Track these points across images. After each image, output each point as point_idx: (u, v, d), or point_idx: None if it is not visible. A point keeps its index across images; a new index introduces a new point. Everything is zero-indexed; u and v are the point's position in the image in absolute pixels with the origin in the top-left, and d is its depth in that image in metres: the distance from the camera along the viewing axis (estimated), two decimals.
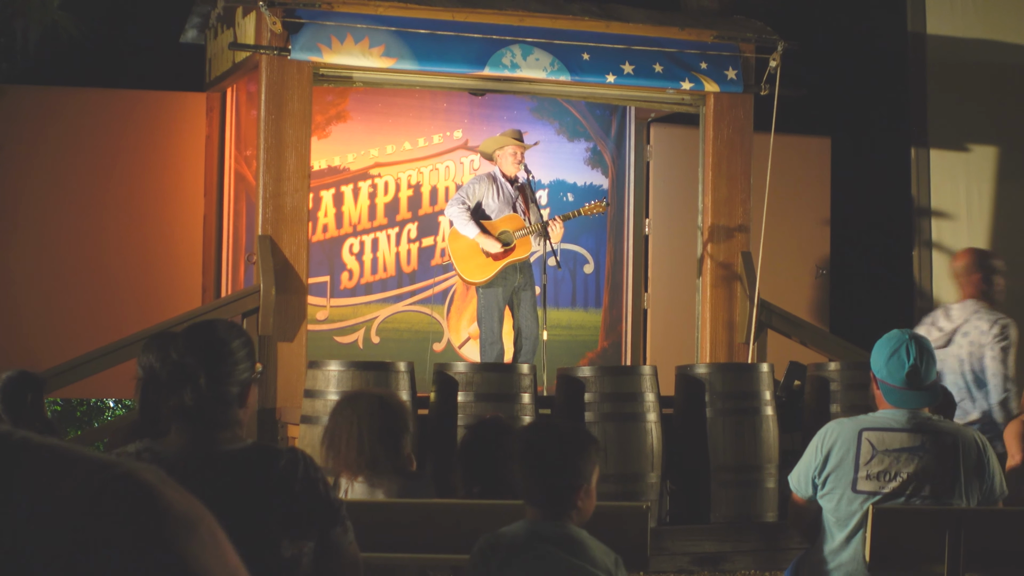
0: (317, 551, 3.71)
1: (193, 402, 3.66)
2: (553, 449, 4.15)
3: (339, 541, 3.75)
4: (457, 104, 12.85)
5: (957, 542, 4.94)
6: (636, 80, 11.37)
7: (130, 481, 1.52)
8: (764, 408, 9.86)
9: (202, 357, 3.69)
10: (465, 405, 9.42)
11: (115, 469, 1.54)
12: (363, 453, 5.66)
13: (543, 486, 4.11)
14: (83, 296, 11.62)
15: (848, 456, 5.23)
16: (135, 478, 1.53)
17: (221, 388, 3.70)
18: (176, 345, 3.71)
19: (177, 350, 3.70)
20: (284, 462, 3.67)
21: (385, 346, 12.48)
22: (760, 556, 9.61)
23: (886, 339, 5.34)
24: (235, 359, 3.74)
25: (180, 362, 3.67)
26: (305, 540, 3.67)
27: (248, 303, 10.36)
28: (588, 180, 13.28)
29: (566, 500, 4.11)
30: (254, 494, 3.62)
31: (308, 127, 10.73)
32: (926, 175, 13.19)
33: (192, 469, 3.64)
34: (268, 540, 3.61)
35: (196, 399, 3.66)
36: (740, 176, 11.70)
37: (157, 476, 1.57)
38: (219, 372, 3.70)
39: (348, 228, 12.57)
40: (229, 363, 3.72)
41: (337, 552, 3.75)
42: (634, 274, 13.40)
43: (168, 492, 1.56)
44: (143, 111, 12.03)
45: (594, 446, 4.27)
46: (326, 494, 3.72)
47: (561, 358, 12.05)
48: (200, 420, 3.68)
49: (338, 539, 3.74)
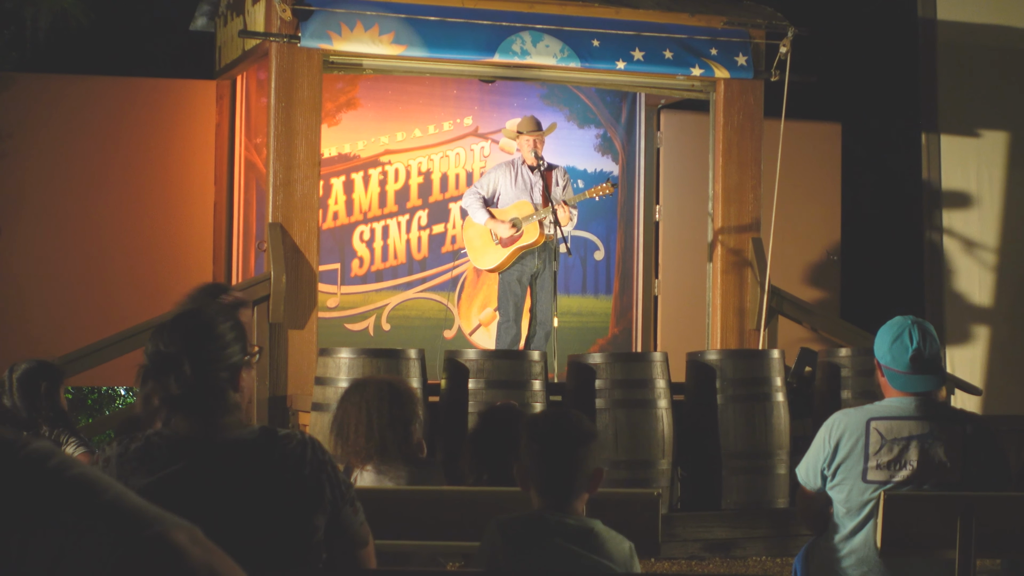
0: (328, 532, 3.72)
1: (179, 389, 3.64)
2: (563, 436, 4.14)
3: (350, 520, 3.75)
4: (467, 91, 12.84)
5: (968, 527, 4.93)
6: (646, 66, 11.36)
7: (161, 545, 1.51)
8: (775, 394, 9.85)
9: (185, 344, 3.67)
10: (476, 392, 9.42)
11: (147, 529, 1.52)
12: (372, 440, 5.65)
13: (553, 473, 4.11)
14: (93, 284, 11.63)
15: (857, 447, 5.21)
16: (166, 541, 1.51)
17: (209, 374, 3.68)
18: (162, 333, 3.70)
19: (163, 338, 3.69)
20: (292, 445, 3.67)
21: (396, 333, 12.49)
22: (771, 542, 9.61)
23: (889, 325, 5.33)
24: (221, 343, 3.70)
25: (164, 351, 3.66)
26: (315, 522, 3.67)
27: (259, 291, 10.37)
28: (598, 166, 13.27)
29: (577, 487, 4.10)
30: (263, 479, 3.63)
31: (318, 114, 10.73)
32: (937, 161, 13.17)
33: (200, 455, 3.64)
34: (278, 524, 3.61)
35: (182, 386, 3.64)
36: (750, 162, 11.69)
37: (189, 536, 1.55)
38: (204, 358, 3.67)
39: (358, 215, 12.57)
40: (214, 348, 3.69)
41: (348, 532, 3.76)
42: (644, 261, 13.40)
43: (198, 554, 1.54)
44: (153, 99, 12.03)
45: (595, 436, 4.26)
46: (335, 475, 3.72)
47: (572, 345, 12.06)
48: (192, 407, 3.67)
49: (349, 519, 3.75)
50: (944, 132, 13.18)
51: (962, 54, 13.26)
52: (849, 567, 5.23)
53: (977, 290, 13.14)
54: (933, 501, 5.09)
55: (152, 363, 3.66)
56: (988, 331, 13.13)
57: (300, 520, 3.64)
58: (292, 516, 3.63)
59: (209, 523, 1.93)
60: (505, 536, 4.08)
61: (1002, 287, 13.16)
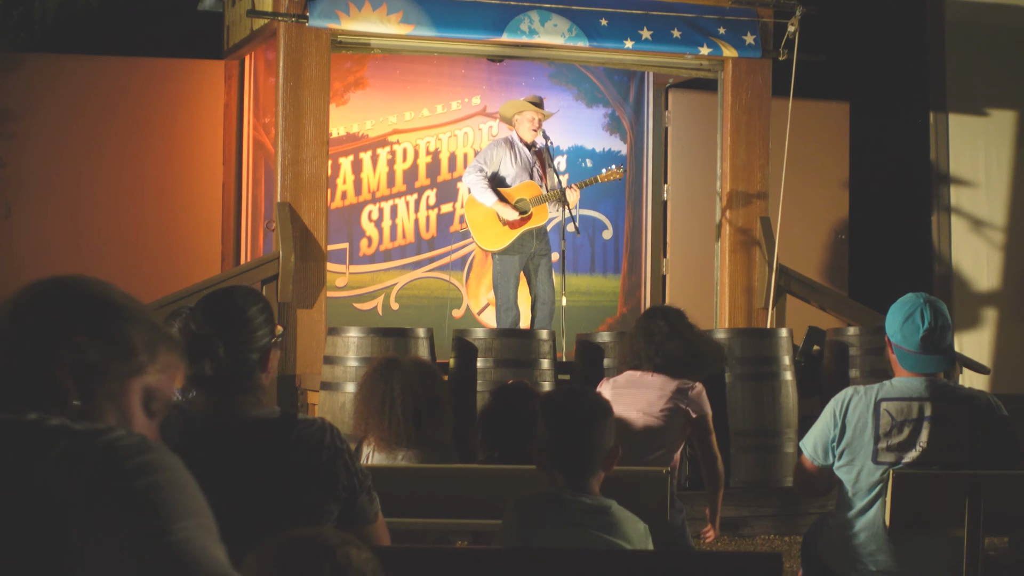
0: (343, 519, 3.73)
1: (214, 372, 3.68)
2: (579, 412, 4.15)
3: (365, 509, 3.77)
4: (475, 70, 12.84)
5: (977, 506, 4.95)
6: (654, 46, 11.35)
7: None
8: (783, 373, 9.86)
9: (220, 327, 3.70)
10: (484, 371, 9.43)
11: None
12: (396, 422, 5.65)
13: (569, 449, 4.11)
14: (102, 264, 11.63)
15: (867, 428, 5.20)
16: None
17: (241, 355, 3.72)
18: (195, 315, 3.73)
19: (196, 320, 3.72)
20: (312, 430, 3.69)
21: (404, 312, 12.51)
22: (779, 520, 9.62)
23: (900, 303, 5.31)
24: (253, 325, 3.75)
25: (199, 333, 3.69)
26: (328, 507, 3.69)
27: (267, 270, 10.39)
28: (607, 146, 13.27)
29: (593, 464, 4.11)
30: (281, 461, 3.65)
31: (326, 94, 10.73)
32: (945, 139, 13.16)
33: (219, 435, 3.67)
34: (290, 506, 3.63)
35: (216, 369, 3.68)
36: (759, 141, 11.69)
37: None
38: (238, 340, 3.71)
39: (367, 195, 12.58)
40: (247, 330, 3.73)
41: (363, 520, 3.77)
42: (653, 240, 13.41)
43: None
44: (161, 79, 12.03)
45: (611, 412, 4.27)
46: (352, 463, 3.74)
47: (580, 324, 12.06)
48: (222, 387, 3.71)
49: (364, 507, 3.76)
50: (952, 111, 13.17)
51: (970, 33, 13.24)
52: (858, 545, 5.24)
53: (985, 269, 13.14)
54: (942, 480, 5.09)
55: (188, 345, 3.68)
56: (996, 310, 13.14)
57: (313, 504, 3.66)
58: (305, 499, 3.65)
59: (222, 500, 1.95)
60: (521, 515, 4.09)
61: (1010, 266, 13.16)
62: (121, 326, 2.18)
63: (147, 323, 2.17)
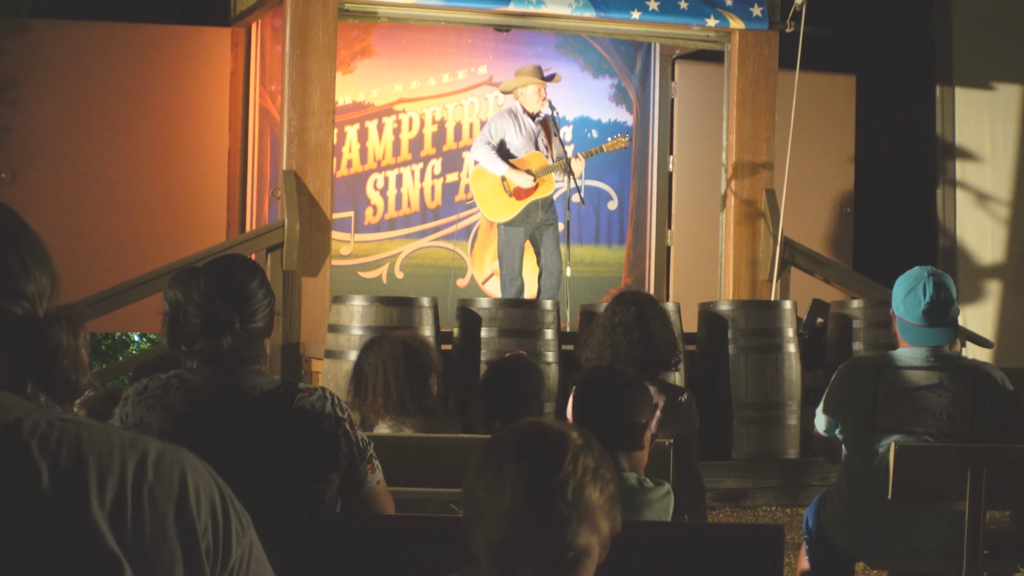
0: (344, 488, 3.75)
1: (230, 346, 3.71)
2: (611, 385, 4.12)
3: (367, 479, 3.78)
4: (482, 40, 12.82)
5: (979, 479, 4.96)
6: (661, 16, 11.34)
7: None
8: (787, 345, 9.88)
9: (233, 302, 3.74)
10: (488, 341, 9.46)
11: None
12: (389, 398, 5.67)
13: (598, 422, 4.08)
14: (108, 231, 11.65)
15: (867, 396, 5.23)
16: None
17: (250, 327, 3.75)
18: (199, 287, 3.74)
19: (202, 293, 3.73)
20: (312, 399, 3.71)
21: (409, 281, 12.51)
22: (781, 492, 9.65)
23: (905, 276, 5.34)
24: (257, 297, 3.79)
25: (212, 308, 3.71)
26: (328, 476, 3.70)
27: (273, 238, 10.40)
28: (613, 117, 13.26)
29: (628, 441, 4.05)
30: (283, 429, 3.67)
31: (333, 62, 10.72)
32: (951, 113, 13.15)
33: (222, 403, 3.69)
34: (291, 474, 3.65)
35: (233, 342, 3.71)
36: (765, 113, 11.68)
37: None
38: (247, 313, 3.75)
39: (372, 164, 12.58)
40: (254, 302, 3.77)
41: (363, 489, 3.78)
42: (658, 211, 13.40)
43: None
44: (168, 46, 12.02)
45: (647, 393, 4.21)
46: (352, 432, 3.76)
47: (584, 294, 12.08)
48: (232, 359, 3.73)
49: (365, 477, 3.78)
50: (959, 85, 13.16)
51: (978, 7, 13.22)
52: (860, 517, 5.26)
53: (990, 243, 13.14)
54: (943, 452, 5.11)
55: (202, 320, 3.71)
56: (1000, 283, 13.15)
57: (313, 473, 3.68)
58: (306, 468, 3.67)
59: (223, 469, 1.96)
60: None
61: (1014, 240, 13.16)
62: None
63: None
